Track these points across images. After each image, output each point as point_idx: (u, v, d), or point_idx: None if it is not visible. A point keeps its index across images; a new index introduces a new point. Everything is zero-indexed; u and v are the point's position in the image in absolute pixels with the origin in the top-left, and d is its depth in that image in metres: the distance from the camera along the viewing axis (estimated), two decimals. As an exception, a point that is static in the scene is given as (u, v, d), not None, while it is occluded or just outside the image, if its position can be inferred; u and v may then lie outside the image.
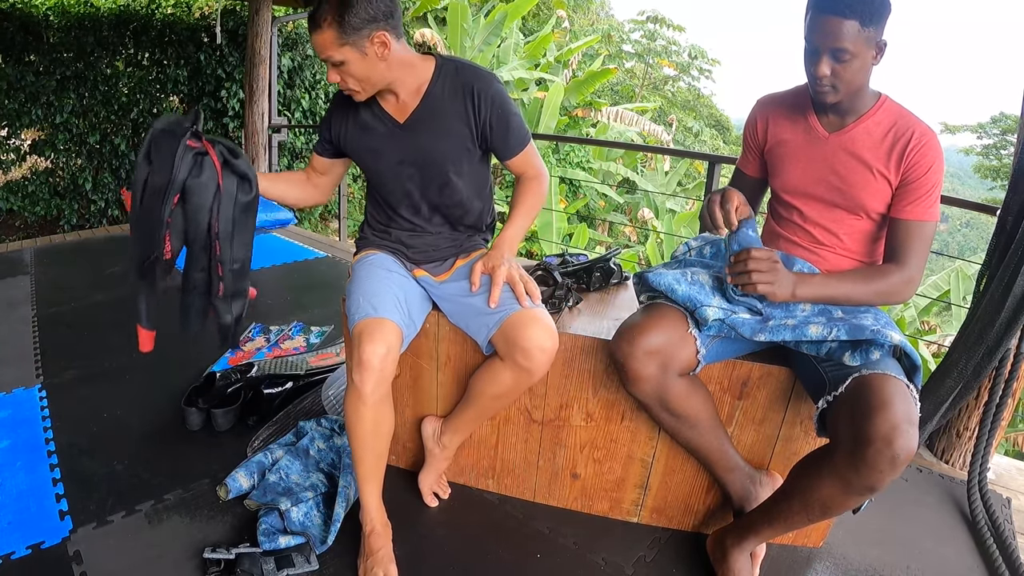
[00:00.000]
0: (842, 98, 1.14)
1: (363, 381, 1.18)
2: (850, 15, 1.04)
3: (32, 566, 1.27)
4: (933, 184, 1.13)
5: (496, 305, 1.25)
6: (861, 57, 1.08)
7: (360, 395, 1.20)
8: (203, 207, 1.19)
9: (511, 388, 1.28)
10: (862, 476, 1.00)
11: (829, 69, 1.09)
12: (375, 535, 1.27)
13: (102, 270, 3.17)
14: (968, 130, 14.62)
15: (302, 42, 5.17)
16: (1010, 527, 1.53)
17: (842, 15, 1.04)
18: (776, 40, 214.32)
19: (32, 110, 4.44)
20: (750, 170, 1.38)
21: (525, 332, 1.20)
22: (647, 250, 7.12)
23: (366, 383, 1.18)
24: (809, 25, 1.09)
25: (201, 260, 1.25)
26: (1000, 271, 1.45)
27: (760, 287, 1.10)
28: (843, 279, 1.16)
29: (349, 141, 1.38)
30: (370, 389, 1.19)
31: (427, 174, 1.35)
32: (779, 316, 1.16)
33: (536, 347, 1.20)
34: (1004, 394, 1.59)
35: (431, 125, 1.31)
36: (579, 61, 10.32)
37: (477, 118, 1.30)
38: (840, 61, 1.08)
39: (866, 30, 1.06)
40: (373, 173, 1.40)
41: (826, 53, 1.08)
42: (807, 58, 1.12)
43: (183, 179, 1.16)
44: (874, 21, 1.06)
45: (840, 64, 1.08)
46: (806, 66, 1.13)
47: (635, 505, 1.46)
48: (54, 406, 1.86)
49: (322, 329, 2.47)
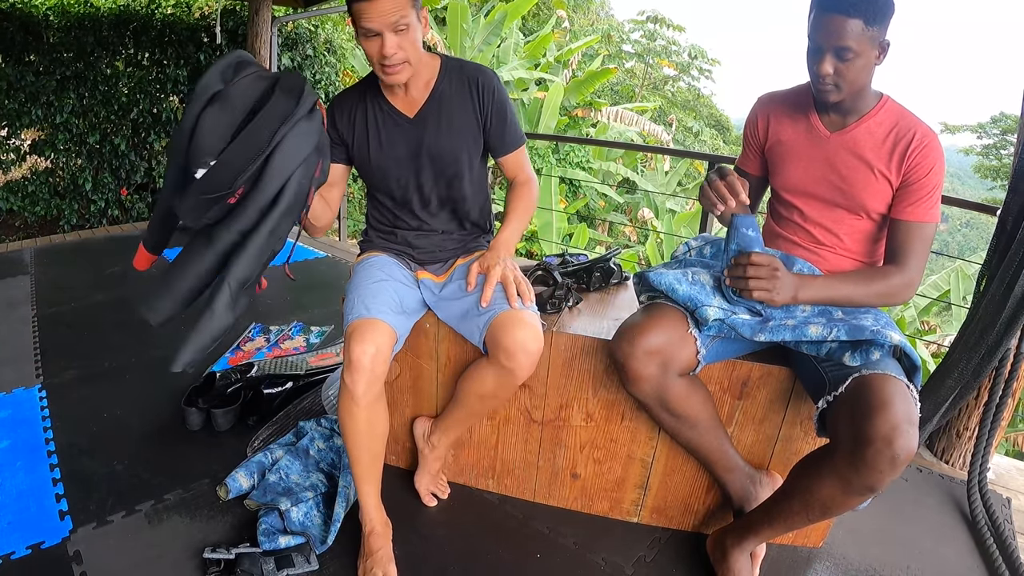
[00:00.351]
0: (844, 97, 1.14)
1: (354, 382, 1.19)
2: (855, 14, 1.04)
3: (32, 566, 1.27)
4: (934, 186, 1.13)
5: (487, 305, 1.25)
6: (864, 56, 1.08)
7: (352, 396, 1.20)
8: (294, 160, 1.06)
9: (495, 388, 1.28)
10: (862, 476, 1.00)
11: (832, 68, 1.09)
12: (375, 535, 1.27)
13: (102, 270, 3.17)
14: (968, 130, 14.62)
15: (302, 42, 5.16)
16: (1010, 527, 1.53)
17: (847, 13, 1.04)
18: (776, 40, 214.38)
19: (32, 110, 4.43)
20: (750, 168, 1.38)
21: (509, 333, 1.19)
22: (647, 250, 7.12)
23: (357, 384, 1.19)
24: (813, 23, 1.09)
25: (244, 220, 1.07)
26: (1000, 272, 1.45)
27: (757, 294, 1.10)
28: (844, 281, 1.16)
29: (358, 138, 1.36)
30: (362, 390, 1.19)
31: (439, 167, 1.37)
32: (779, 316, 1.16)
33: (519, 348, 1.19)
34: (1004, 394, 1.59)
35: (441, 119, 1.34)
36: (579, 61, 10.32)
37: (481, 110, 1.34)
38: (843, 60, 1.08)
39: (870, 29, 1.06)
40: (381, 170, 1.38)
41: (830, 51, 1.08)
42: (810, 56, 1.12)
43: (303, 115, 1.06)
44: (878, 20, 1.06)
45: (843, 63, 1.08)
46: (809, 64, 1.13)
47: (635, 505, 1.46)
48: (54, 406, 1.86)
49: (322, 329, 2.47)
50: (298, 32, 5.14)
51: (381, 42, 1.18)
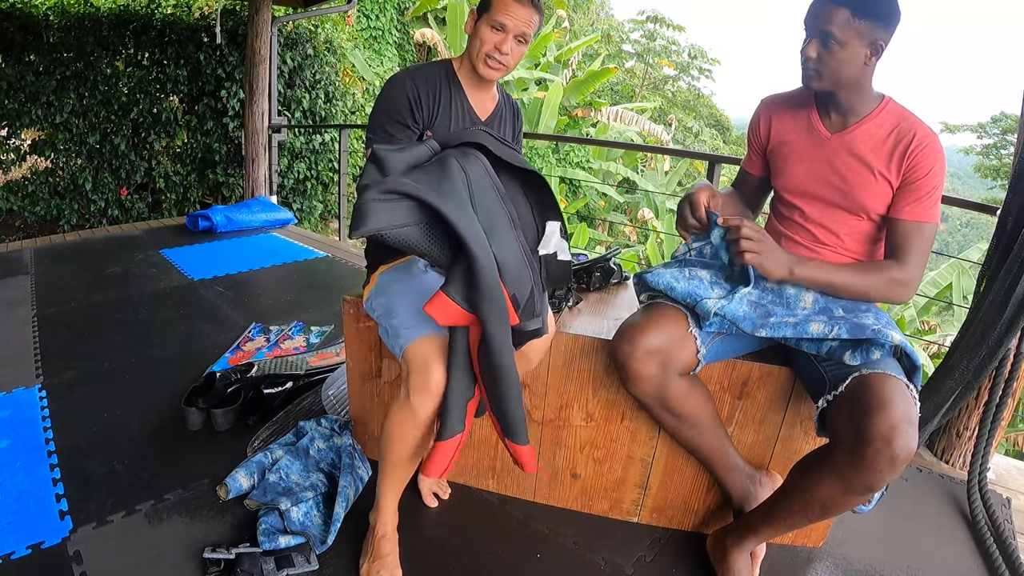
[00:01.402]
0: (826, 86, 1.15)
1: (424, 405, 1.13)
2: (843, 3, 1.07)
3: (32, 566, 1.27)
4: (934, 186, 1.13)
5: None
6: (849, 49, 1.09)
7: (416, 419, 1.15)
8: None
9: None
10: (861, 476, 1.00)
11: (815, 52, 1.12)
12: (387, 540, 1.27)
13: (102, 270, 3.17)
14: (968, 130, 14.61)
15: (302, 42, 5.16)
16: (1010, 527, 1.53)
17: (835, 1, 1.07)
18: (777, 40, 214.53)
19: (32, 110, 4.44)
20: (754, 170, 1.38)
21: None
22: (647, 250, 7.12)
23: (427, 407, 1.13)
24: (808, 7, 1.13)
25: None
26: (1003, 273, 1.45)
27: (748, 256, 1.10)
28: (841, 267, 1.17)
29: (439, 122, 1.33)
30: (427, 413, 1.14)
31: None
32: (780, 314, 1.16)
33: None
34: (1004, 394, 1.59)
35: (500, 130, 1.44)
36: (579, 61, 10.33)
37: (516, 134, 1.51)
38: (826, 47, 1.10)
39: (858, 22, 1.07)
40: None
41: (815, 35, 1.11)
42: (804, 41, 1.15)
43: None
44: (869, 16, 1.07)
45: (826, 50, 1.11)
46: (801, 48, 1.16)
47: (635, 505, 1.46)
48: (54, 406, 1.86)
49: (322, 329, 2.47)
50: (298, 32, 5.14)
51: (504, 38, 1.26)
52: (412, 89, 1.28)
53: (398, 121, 1.28)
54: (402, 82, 1.29)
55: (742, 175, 1.42)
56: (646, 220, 8.50)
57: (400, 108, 1.28)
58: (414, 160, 1.00)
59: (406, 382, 1.15)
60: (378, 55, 8.90)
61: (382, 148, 1.00)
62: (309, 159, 5.48)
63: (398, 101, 1.28)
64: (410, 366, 1.15)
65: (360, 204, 0.90)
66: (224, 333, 2.43)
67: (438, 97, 1.32)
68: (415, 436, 1.18)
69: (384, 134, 1.28)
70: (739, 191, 1.44)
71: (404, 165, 0.98)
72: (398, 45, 9.34)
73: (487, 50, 1.26)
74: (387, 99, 1.29)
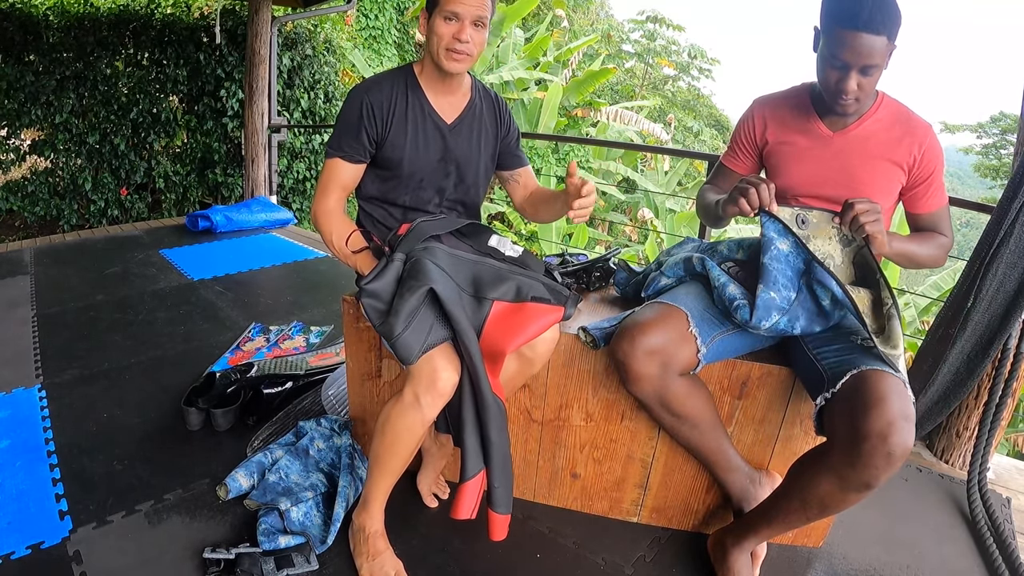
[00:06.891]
0: (861, 108, 1.19)
1: (433, 406, 1.15)
2: (882, 31, 1.07)
3: (32, 566, 1.27)
4: (941, 173, 1.22)
5: None
6: (882, 68, 1.12)
7: (423, 418, 1.16)
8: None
9: (513, 376, 1.29)
10: (858, 472, 1.00)
11: (856, 84, 1.12)
12: (381, 536, 1.28)
13: (102, 270, 3.17)
14: (968, 130, 14.61)
15: (302, 42, 5.16)
16: (1010, 527, 1.53)
17: (875, 32, 1.06)
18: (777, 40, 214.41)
19: (32, 110, 4.43)
20: (739, 168, 1.39)
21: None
22: (647, 250, 7.12)
23: (435, 407, 1.15)
24: (836, 40, 1.09)
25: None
26: (994, 268, 1.47)
27: (870, 227, 1.09)
28: (907, 239, 1.23)
29: (394, 136, 1.32)
30: (434, 413, 1.16)
31: (463, 173, 1.42)
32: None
33: (540, 338, 1.23)
34: (1004, 394, 1.59)
35: (472, 130, 1.41)
36: (579, 61, 10.32)
37: (500, 129, 1.47)
38: (868, 76, 1.11)
39: (891, 44, 1.10)
40: (412, 171, 1.36)
41: (856, 69, 1.10)
42: (831, 71, 1.13)
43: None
44: (896, 34, 1.10)
45: (867, 78, 1.12)
46: (828, 78, 1.15)
47: (635, 505, 1.46)
48: (54, 406, 1.86)
49: (322, 329, 2.47)
50: (298, 32, 5.14)
51: (460, 27, 1.23)
52: (366, 104, 1.30)
53: (353, 136, 1.31)
54: (358, 96, 1.31)
55: (722, 171, 1.43)
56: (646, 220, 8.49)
57: (353, 123, 1.31)
58: (412, 307, 1.14)
59: (413, 385, 1.16)
60: (378, 55, 8.90)
61: (390, 325, 1.13)
62: (309, 159, 5.48)
63: (351, 116, 1.31)
64: (417, 369, 1.15)
65: (397, 345, 1.12)
66: (224, 333, 2.43)
67: (393, 107, 1.31)
68: (419, 434, 1.19)
69: (338, 150, 1.32)
70: (717, 186, 1.44)
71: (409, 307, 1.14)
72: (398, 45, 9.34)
73: (446, 43, 1.23)
74: (343, 114, 1.33)
